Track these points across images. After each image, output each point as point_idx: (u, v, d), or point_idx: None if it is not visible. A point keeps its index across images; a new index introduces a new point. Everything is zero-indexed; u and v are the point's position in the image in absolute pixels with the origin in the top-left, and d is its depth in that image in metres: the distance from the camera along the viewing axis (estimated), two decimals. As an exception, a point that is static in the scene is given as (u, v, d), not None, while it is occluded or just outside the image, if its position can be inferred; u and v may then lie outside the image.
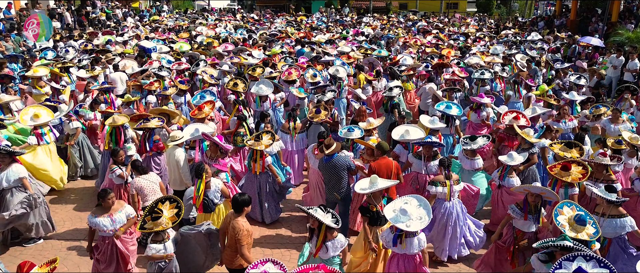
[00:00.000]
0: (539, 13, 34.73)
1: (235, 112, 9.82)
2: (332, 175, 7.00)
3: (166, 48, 16.27)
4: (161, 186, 6.97)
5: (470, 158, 8.00)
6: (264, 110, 10.82)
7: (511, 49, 17.69)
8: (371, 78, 12.72)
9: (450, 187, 6.65)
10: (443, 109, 9.62)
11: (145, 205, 6.74)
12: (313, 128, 9.32)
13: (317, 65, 14.21)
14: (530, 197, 6.02)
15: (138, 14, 29.72)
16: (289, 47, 17.52)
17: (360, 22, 28.20)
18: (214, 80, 12.15)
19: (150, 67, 13.31)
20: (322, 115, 9.11)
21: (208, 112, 9.07)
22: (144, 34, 19.91)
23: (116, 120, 8.27)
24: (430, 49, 17.35)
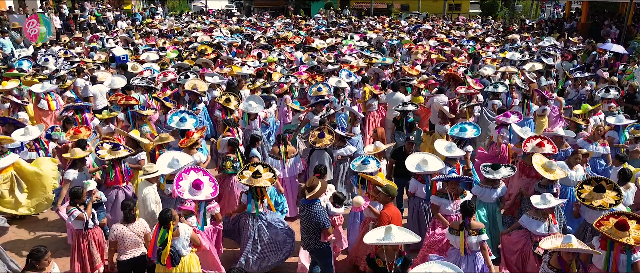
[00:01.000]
0: (545, 15, 33.57)
1: (225, 133, 8.69)
2: (306, 223, 5.88)
3: (154, 56, 15.11)
4: (147, 237, 5.83)
5: (491, 187, 6.86)
6: (252, 129, 9.70)
7: (524, 57, 16.56)
8: (377, 91, 11.59)
9: (464, 239, 5.52)
10: (457, 133, 8.47)
11: (120, 259, 5.69)
12: (316, 154, 8.11)
13: (317, 76, 13.06)
14: (565, 255, 4.92)
15: (130, 17, 28.57)
16: (288, 55, 16.36)
17: (360, 26, 26.99)
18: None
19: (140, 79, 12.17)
20: (326, 140, 7.95)
21: (197, 140, 7.92)
22: (135, 39, 18.73)
23: (74, 153, 7.10)
24: (436, 56, 16.21)
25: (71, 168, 7.11)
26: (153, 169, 6.60)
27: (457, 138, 8.44)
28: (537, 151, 7.69)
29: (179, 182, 6.16)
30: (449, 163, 7.33)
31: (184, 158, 7.13)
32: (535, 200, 6.00)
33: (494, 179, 6.82)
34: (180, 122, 9.03)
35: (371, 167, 7.06)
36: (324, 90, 11.28)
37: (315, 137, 8.03)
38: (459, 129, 8.51)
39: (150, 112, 9.53)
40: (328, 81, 12.36)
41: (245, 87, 12.28)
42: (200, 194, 6.08)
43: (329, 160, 7.83)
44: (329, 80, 12.45)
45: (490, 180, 6.83)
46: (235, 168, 7.65)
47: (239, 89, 12.21)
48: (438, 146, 7.33)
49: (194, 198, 6.02)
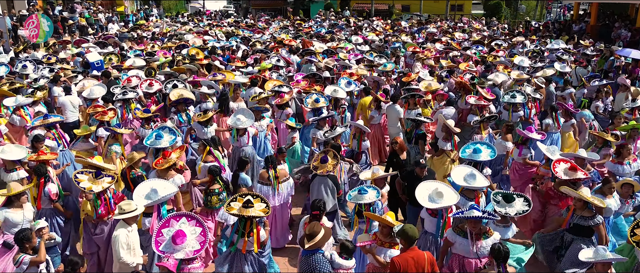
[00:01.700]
0: (551, 17, 32.59)
1: (206, 157, 7.67)
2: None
3: (141, 61, 14.10)
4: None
5: (502, 226, 5.89)
6: (242, 146, 8.72)
7: (536, 62, 15.58)
8: (382, 99, 10.63)
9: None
10: (470, 155, 7.47)
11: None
12: (317, 181, 7.12)
13: (315, 85, 12.07)
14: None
15: (123, 19, 27.57)
16: (285, 59, 15.36)
17: (361, 27, 25.96)
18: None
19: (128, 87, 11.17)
20: (329, 166, 6.94)
21: (175, 161, 6.93)
22: (125, 44, 17.69)
23: (9, 188, 6.03)
24: (446, 62, 15.20)
25: (5, 206, 5.96)
26: (130, 207, 5.58)
27: (471, 161, 7.45)
28: (571, 176, 6.72)
29: (163, 229, 5.13)
30: (468, 195, 6.33)
31: (163, 188, 6.13)
32: (587, 255, 5.01)
33: (506, 216, 5.86)
34: (155, 139, 8.05)
35: (369, 196, 6.09)
36: (322, 101, 10.30)
37: (318, 161, 7.02)
38: (472, 150, 7.51)
39: (126, 131, 8.51)
40: (325, 90, 11.40)
41: (238, 97, 11.30)
42: (179, 250, 5.03)
43: (332, 189, 6.84)
44: (325, 90, 11.49)
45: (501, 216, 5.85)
46: (222, 201, 6.70)
47: (234, 99, 11.24)
48: (456, 175, 6.32)
49: (171, 255, 4.97)
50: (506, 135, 8.90)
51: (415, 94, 11.25)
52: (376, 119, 10.55)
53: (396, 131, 10.37)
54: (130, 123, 10.28)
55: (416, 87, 11.93)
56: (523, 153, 8.38)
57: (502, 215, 5.86)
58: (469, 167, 6.61)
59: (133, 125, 10.23)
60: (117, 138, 8.44)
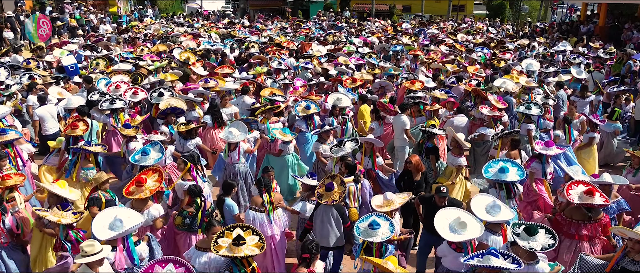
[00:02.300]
0: (555, 18, 31.72)
1: (185, 175, 6.80)
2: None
3: (127, 66, 13.20)
4: None
5: (527, 263, 5.00)
6: (233, 162, 7.87)
7: (547, 67, 14.71)
8: (390, 109, 9.78)
9: None
10: (495, 174, 6.59)
11: None
12: (321, 210, 6.15)
13: (315, 95, 11.19)
14: None
15: (116, 20, 26.66)
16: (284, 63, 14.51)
17: (362, 29, 25.07)
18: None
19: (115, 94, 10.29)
20: (335, 194, 6.03)
21: (150, 191, 6.04)
22: (117, 47, 16.75)
23: None
24: (452, 66, 14.31)
25: None
26: (94, 249, 4.69)
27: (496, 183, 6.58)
28: (585, 201, 5.84)
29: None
30: (493, 228, 5.46)
31: (130, 218, 5.25)
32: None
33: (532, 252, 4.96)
34: (141, 156, 7.19)
35: (382, 232, 5.20)
36: (313, 108, 9.45)
37: (323, 188, 6.12)
38: (498, 169, 6.62)
39: (98, 149, 7.61)
40: (329, 98, 10.53)
41: (228, 105, 10.45)
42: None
43: (337, 220, 5.95)
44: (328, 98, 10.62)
45: (526, 253, 4.96)
46: (189, 227, 5.90)
47: (222, 105, 10.39)
48: (475, 206, 5.42)
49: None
50: (511, 152, 8.02)
51: (420, 101, 10.41)
52: (377, 131, 9.65)
53: (401, 144, 9.51)
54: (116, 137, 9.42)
55: (421, 96, 11.05)
56: (532, 167, 7.50)
57: (526, 250, 4.99)
58: (488, 196, 5.71)
59: (117, 139, 9.37)
60: (90, 158, 7.54)
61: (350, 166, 6.88)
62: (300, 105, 9.57)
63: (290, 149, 8.53)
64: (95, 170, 7.50)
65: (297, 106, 9.69)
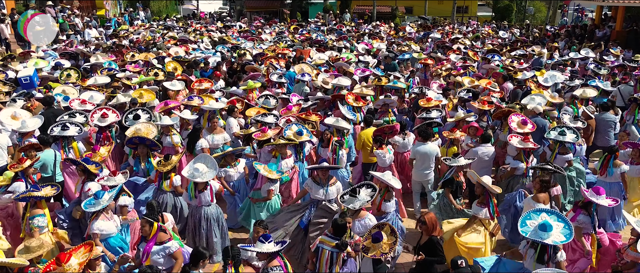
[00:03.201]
0: (565, 20, 30.30)
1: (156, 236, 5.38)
2: None
3: (103, 79, 11.76)
4: None
5: None
6: (201, 205, 6.52)
7: (572, 79, 13.27)
8: (398, 138, 8.41)
9: None
10: (535, 232, 5.20)
11: None
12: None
13: (312, 115, 9.76)
14: None
15: (103, 24, 25.20)
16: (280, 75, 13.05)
17: (363, 34, 23.58)
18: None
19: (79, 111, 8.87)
20: (385, 246, 4.71)
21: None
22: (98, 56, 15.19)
23: None
24: (468, 79, 12.83)
25: None
26: None
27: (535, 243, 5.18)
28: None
29: None
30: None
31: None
32: None
33: None
34: (94, 200, 5.83)
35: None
36: (305, 134, 8.06)
37: (369, 240, 4.77)
38: (539, 226, 5.22)
39: (45, 192, 6.18)
40: (327, 120, 9.12)
41: (216, 128, 9.03)
42: None
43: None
44: (326, 120, 9.21)
45: None
46: None
47: (210, 130, 8.99)
48: None
49: None
50: (539, 194, 6.63)
51: (433, 123, 8.98)
52: (383, 160, 8.21)
53: (425, 178, 8.12)
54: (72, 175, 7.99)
55: (435, 117, 9.62)
56: (579, 220, 6.13)
57: None
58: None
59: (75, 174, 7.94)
60: (39, 204, 6.12)
61: (338, 227, 5.41)
62: (291, 129, 8.16)
63: (277, 188, 7.14)
64: (45, 218, 6.09)
65: (287, 129, 8.28)
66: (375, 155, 8.20)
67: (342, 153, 8.12)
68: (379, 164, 8.28)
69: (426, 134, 8.00)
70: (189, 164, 6.78)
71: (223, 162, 7.65)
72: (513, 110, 9.76)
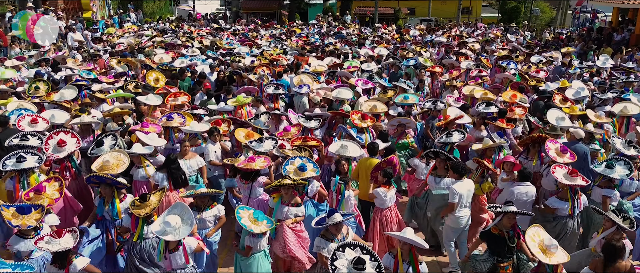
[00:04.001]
0: (579, 22, 28.85)
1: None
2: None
3: (71, 93, 10.28)
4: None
5: None
6: (174, 268, 5.13)
7: (603, 91, 11.84)
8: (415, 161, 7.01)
9: None
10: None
11: None
12: None
13: (311, 141, 8.27)
14: None
15: (89, 26, 23.73)
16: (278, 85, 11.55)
17: (366, 38, 22.04)
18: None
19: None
20: None
21: None
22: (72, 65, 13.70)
23: None
24: (481, 91, 11.35)
25: None
26: None
27: None
28: None
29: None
30: None
31: None
32: None
33: None
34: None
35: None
36: (310, 170, 6.63)
37: None
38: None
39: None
40: (331, 147, 7.69)
41: (189, 154, 7.62)
42: None
43: None
44: (330, 145, 7.78)
45: None
46: None
47: (181, 155, 7.58)
48: None
49: None
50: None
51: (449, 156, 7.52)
52: (383, 200, 6.74)
53: (464, 223, 6.68)
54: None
55: (456, 141, 8.17)
56: None
57: None
58: None
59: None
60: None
61: None
62: (292, 165, 6.71)
63: (263, 245, 5.69)
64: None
65: (287, 165, 6.83)
66: (374, 194, 6.75)
67: (348, 194, 6.65)
68: (376, 204, 6.84)
69: (463, 169, 6.54)
70: (160, 217, 5.35)
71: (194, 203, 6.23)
72: (546, 134, 8.32)
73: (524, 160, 8.17)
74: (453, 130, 8.48)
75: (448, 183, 6.72)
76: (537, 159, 8.06)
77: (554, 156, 7.18)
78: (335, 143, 7.67)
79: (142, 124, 8.44)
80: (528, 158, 8.18)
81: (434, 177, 7.03)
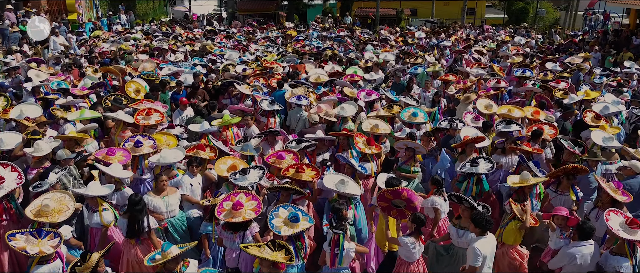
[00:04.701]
0: (592, 24, 27.46)
1: None
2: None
3: (33, 110, 8.91)
4: None
5: None
6: None
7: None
8: (434, 199, 5.69)
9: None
10: None
11: None
12: None
13: (308, 168, 6.88)
14: None
15: (75, 29, 22.34)
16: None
17: (366, 42, 20.58)
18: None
19: None
20: None
21: None
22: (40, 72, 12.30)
23: None
24: (507, 108, 9.92)
25: None
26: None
27: None
28: None
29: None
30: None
31: None
32: None
33: None
34: None
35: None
36: (302, 222, 5.29)
37: None
38: None
39: None
40: (325, 178, 6.35)
41: (164, 189, 6.28)
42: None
43: None
44: (326, 177, 6.42)
45: None
46: None
47: (158, 191, 6.24)
48: None
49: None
50: None
51: (474, 204, 6.12)
52: (410, 253, 5.40)
53: None
54: None
55: (486, 172, 6.81)
56: None
57: None
58: None
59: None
60: None
61: None
62: (279, 217, 5.36)
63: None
64: None
65: (273, 218, 5.47)
66: (400, 243, 5.41)
67: (348, 248, 5.28)
68: (401, 255, 5.50)
69: (488, 224, 5.17)
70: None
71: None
72: (586, 160, 6.98)
73: (554, 193, 6.83)
74: (478, 157, 7.11)
75: (470, 240, 5.37)
76: (572, 193, 6.73)
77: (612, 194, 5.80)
78: (331, 177, 6.31)
79: (106, 151, 7.08)
80: (558, 192, 6.82)
81: (456, 228, 5.68)
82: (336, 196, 6.16)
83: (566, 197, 6.61)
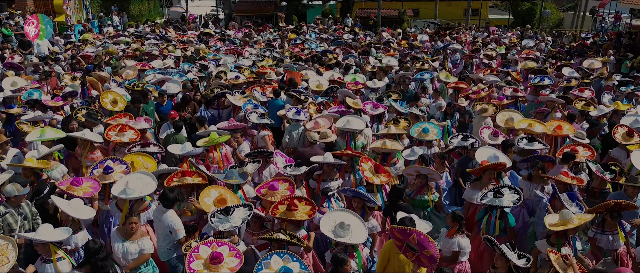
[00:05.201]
0: (603, 26, 26.39)
1: None
2: None
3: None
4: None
5: None
6: None
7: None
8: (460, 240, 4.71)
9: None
10: None
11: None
12: None
13: (301, 202, 5.80)
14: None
15: (62, 31, 21.28)
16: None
17: (370, 45, 19.49)
18: None
19: None
20: None
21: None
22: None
23: None
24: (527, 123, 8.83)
25: None
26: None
27: None
28: None
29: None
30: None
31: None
32: None
33: None
34: None
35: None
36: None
37: None
38: None
39: None
40: (322, 220, 5.29)
41: (135, 233, 5.21)
42: None
43: None
44: (323, 218, 5.36)
45: None
46: None
47: (126, 234, 5.20)
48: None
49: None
50: None
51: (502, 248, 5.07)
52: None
53: None
54: None
55: (511, 205, 5.76)
56: None
57: None
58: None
59: None
60: None
61: None
62: (269, 270, 4.30)
63: None
64: None
65: (266, 262, 4.42)
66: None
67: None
68: None
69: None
70: None
71: None
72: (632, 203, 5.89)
73: (600, 234, 5.76)
74: (498, 186, 6.05)
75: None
76: (620, 231, 5.68)
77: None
78: (330, 217, 5.24)
79: (71, 181, 6.00)
80: (605, 232, 5.75)
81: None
82: (335, 242, 5.08)
83: (615, 237, 5.55)
